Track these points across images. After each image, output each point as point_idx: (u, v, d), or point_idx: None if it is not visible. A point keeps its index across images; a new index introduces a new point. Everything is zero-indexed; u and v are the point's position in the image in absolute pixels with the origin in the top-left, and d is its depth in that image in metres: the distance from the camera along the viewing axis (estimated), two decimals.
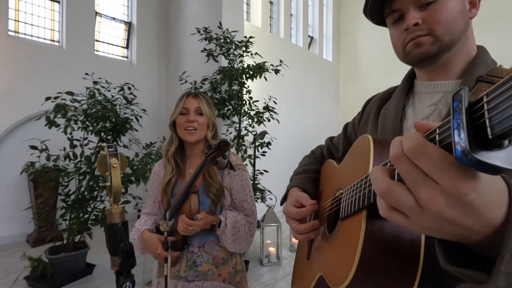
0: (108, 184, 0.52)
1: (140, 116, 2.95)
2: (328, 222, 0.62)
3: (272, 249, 3.14)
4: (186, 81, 3.46)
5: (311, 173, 0.82)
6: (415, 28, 0.53)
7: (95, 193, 2.71)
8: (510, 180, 0.28)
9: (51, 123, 2.52)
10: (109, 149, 0.53)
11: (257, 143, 3.54)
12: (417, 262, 0.40)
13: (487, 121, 0.23)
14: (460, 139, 0.24)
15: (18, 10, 3.75)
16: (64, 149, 2.63)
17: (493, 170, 0.23)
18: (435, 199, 0.26)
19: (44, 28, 3.97)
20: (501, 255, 0.26)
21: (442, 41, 0.53)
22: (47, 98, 2.56)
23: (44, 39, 3.96)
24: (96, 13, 4.37)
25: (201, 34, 3.43)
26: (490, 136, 0.23)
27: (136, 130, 2.90)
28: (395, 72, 6.75)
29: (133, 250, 0.51)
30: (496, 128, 0.22)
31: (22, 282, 2.53)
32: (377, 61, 6.60)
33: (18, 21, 3.75)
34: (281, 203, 0.82)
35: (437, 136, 0.27)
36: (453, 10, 0.52)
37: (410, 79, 0.66)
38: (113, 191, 0.51)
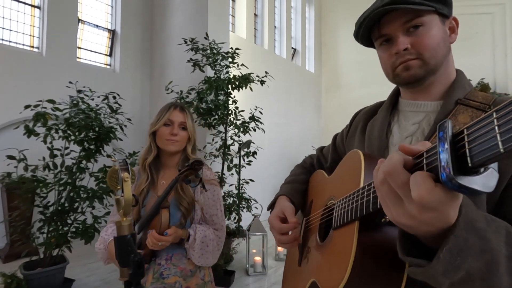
0: (118, 197, 0.54)
1: (125, 125, 2.91)
2: (319, 230, 0.66)
3: (257, 259, 3.14)
4: (172, 91, 3.46)
5: (300, 183, 0.86)
6: (405, 52, 0.58)
7: (76, 204, 2.62)
8: None
9: (30, 132, 2.43)
10: (120, 164, 0.55)
11: (242, 153, 3.57)
12: (403, 267, 0.45)
13: (467, 151, 0.27)
14: (446, 166, 0.28)
15: None
16: (44, 159, 2.54)
17: (473, 193, 0.28)
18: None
19: (23, 34, 3.85)
20: (442, 246, 0.34)
21: (429, 65, 0.58)
22: (27, 106, 2.48)
23: (23, 45, 3.83)
24: (79, 20, 4.30)
25: (188, 45, 3.46)
26: (470, 165, 0.27)
27: (121, 140, 2.85)
28: (372, 83, 7.07)
29: (143, 261, 0.52)
30: (474, 158, 0.27)
31: None
32: (356, 73, 6.89)
33: None
34: (268, 209, 0.86)
35: (424, 160, 0.32)
36: (436, 36, 0.58)
37: (395, 96, 0.71)
38: (125, 204, 0.53)
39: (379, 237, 0.47)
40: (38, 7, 3.93)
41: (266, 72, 3.56)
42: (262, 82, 3.48)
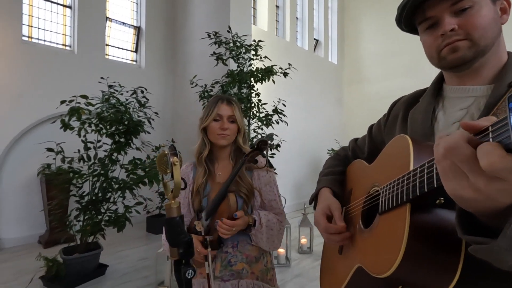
0: (167, 181, 0.57)
1: (153, 119, 3.00)
2: (362, 217, 0.66)
3: (281, 251, 3.16)
4: (196, 84, 3.52)
5: (338, 174, 0.86)
6: (452, 33, 0.55)
7: (108, 194, 2.76)
8: None
9: (65, 126, 2.57)
10: (169, 149, 0.58)
11: None
12: (459, 253, 0.44)
13: None
14: None
15: (32, 16, 3.84)
16: (79, 151, 2.69)
17: None
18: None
19: (56, 33, 4.05)
20: (509, 222, 0.33)
21: (479, 46, 0.55)
22: (62, 102, 2.62)
23: (57, 44, 4.04)
24: (107, 18, 4.46)
25: (211, 38, 3.49)
26: None
27: (149, 133, 2.95)
28: (396, 76, 6.71)
29: (192, 240, 0.55)
30: None
31: (37, 282, 2.57)
32: (379, 65, 6.65)
33: (31, 26, 3.84)
34: (310, 202, 0.86)
35: (490, 134, 0.31)
36: (487, 16, 0.55)
37: (439, 83, 0.68)
38: (174, 187, 0.55)
39: (433, 219, 0.46)
40: (69, 7, 4.12)
41: (290, 64, 3.53)
42: (285, 74, 3.45)
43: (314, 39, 6.74)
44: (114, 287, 2.64)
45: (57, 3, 4.04)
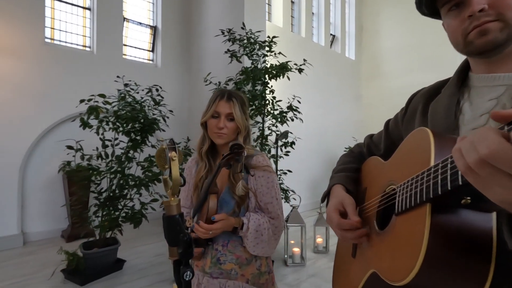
0: (166, 177, 0.54)
1: (167, 117, 3.03)
2: (377, 218, 0.61)
3: (296, 250, 3.11)
4: (210, 82, 3.52)
5: (351, 171, 0.81)
6: (481, 14, 0.49)
7: (125, 191, 2.81)
8: None
9: (84, 124, 2.64)
10: (168, 143, 0.55)
11: (280, 143, 3.53)
12: (489, 259, 0.38)
13: None
14: None
15: (54, 18, 3.98)
16: (97, 149, 2.76)
17: None
18: None
19: (77, 34, 4.19)
20: None
21: None
22: (81, 101, 2.70)
23: (77, 45, 4.18)
24: (124, 18, 4.55)
25: (225, 36, 3.47)
26: None
27: (164, 131, 2.98)
28: (417, 71, 6.43)
29: (192, 240, 0.52)
30: None
31: (59, 275, 2.67)
32: (398, 60, 6.40)
33: (53, 28, 3.98)
34: (322, 201, 0.82)
35: None
36: None
37: (463, 71, 0.62)
38: (173, 184, 0.53)
39: (457, 221, 0.40)
40: (89, 9, 4.24)
41: (304, 60, 3.45)
42: (300, 70, 3.38)
43: (331, 34, 6.58)
44: (131, 282, 2.70)
45: (77, 5, 4.17)
